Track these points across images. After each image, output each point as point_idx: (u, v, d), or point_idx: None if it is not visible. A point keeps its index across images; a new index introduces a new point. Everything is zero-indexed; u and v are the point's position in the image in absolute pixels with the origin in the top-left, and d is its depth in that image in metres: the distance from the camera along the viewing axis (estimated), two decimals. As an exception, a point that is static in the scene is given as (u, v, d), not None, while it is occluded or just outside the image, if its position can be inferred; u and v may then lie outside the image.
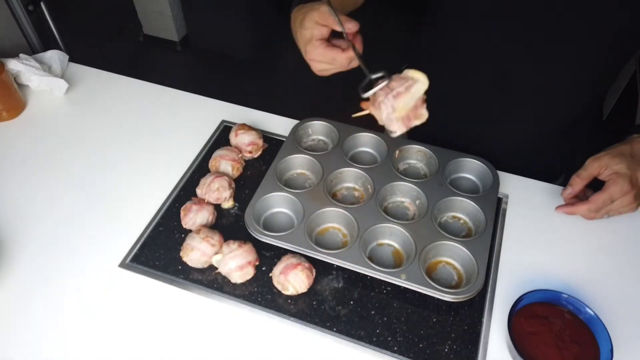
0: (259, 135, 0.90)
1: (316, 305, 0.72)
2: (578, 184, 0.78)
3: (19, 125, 0.99)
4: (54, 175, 0.89)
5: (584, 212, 0.77)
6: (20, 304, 0.72)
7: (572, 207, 0.79)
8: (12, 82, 0.98)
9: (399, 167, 0.88)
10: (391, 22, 2.95)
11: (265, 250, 0.77)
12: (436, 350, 0.67)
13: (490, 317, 0.71)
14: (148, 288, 0.74)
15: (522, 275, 0.75)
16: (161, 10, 2.64)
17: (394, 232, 0.76)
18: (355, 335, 0.68)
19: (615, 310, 0.70)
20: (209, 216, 0.79)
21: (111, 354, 0.67)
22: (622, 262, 0.77)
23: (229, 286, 0.74)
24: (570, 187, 0.79)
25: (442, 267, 0.75)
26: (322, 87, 2.66)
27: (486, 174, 0.84)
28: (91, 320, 0.70)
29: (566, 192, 0.80)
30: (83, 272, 0.75)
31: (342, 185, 0.85)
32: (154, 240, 0.79)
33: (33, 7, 1.15)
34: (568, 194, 0.79)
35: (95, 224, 0.82)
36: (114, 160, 0.92)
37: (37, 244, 0.79)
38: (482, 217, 0.77)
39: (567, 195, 0.80)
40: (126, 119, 0.99)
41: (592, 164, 0.76)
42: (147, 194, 0.85)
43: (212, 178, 0.82)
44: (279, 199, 0.81)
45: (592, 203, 0.76)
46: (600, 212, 0.76)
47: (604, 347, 0.63)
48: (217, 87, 2.62)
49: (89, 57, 1.23)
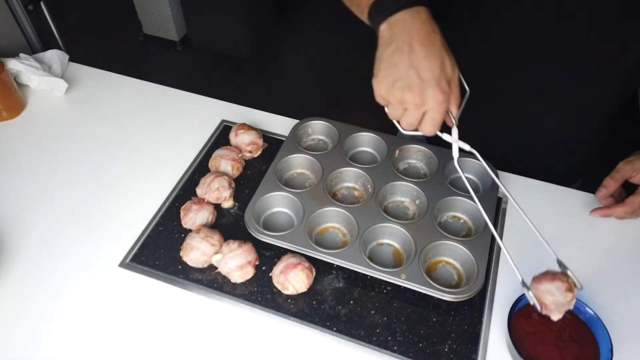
0: (259, 135, 0.90)
1: (316, 304, 0.72)
2: (612, 185, 0.79)
3: (19, 125, 0.99)
4: (54, 175, 0.89)
5: (620, 213, 0.79)
6: (19, 303, 0.72)
7: (608, 210, 0.80)
8: (12, 82, 0.98)
9: (399, 167, 0.88)
10: None
11: (265, 250, 0.77)
12: (436, 349, 0.67)
13: (490, 317, 0.71)
14: (148, 288, 0.74)
15: (522, 274, 0.75)
16: (161, 9, 2.64)
17: (394, 232, 0.76)
18: (355, 334, 0.68)
19: (615, 310, 0.70)
20: (209, 216, 0.79)
21: (111, 353, 0.67)
22: (622, 262, 0.77)
23: (229, 286, 0.74)
24: (605, 188, 0.80)
25: (442, 267, 0.75)
26: (322, 87, 2.66)
27: (486, 174, 0.84)
28: (91, 320, 0.70)
29: (600, 193, 0.81)
30: (83, 271, 0.76)
31: (342, 185, 0.85)
32: (154, 240, 0.79)
33: (33, 7, 1.14)
34: (603, 195, 0.81)
35: (95, 224, 0.82)
36: (113, 159, 0.92)
37: (36, 244, 0.79)
38: (482, 217, 0.77)
39: (602, 196, 0.81)
40: (126, 119, 0.99)
41: (625, 166, 0.78)
42: (147, 193, 0.85)
43: (212, 178, 0.82)
44: (279, 199, 0.81)
45: (629, 205, 0.78)
46: (635, 213, 0.78)
47: (604, 347, 0.63)
48: (217, 87, 2.62)
49: (89, 56, 1.23)
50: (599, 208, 0.82)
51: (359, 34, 3.45)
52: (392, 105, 0.60)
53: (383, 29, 0.59)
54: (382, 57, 0.59)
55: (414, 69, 0.57)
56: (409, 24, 0.58)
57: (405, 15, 0.58)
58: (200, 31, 2.73)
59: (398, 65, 0.57)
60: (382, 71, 0.59)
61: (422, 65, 0.56)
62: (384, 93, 0.59)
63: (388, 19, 0.58)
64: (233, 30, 2.63)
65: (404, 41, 0.57)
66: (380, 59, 0.59)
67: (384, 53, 0.58)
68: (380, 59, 0.59)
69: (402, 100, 0.58)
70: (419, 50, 0.56)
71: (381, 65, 0.59)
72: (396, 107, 0.60)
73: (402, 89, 0.57)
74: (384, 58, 0.58)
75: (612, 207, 0.80)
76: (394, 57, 0.57)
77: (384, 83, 0.59)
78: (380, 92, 0.60)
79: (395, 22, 0.58)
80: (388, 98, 0.59)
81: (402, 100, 0.58)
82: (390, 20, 0.58)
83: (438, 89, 0.56)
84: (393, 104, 0.60)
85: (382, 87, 0.59)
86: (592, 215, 0.82)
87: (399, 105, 0.59)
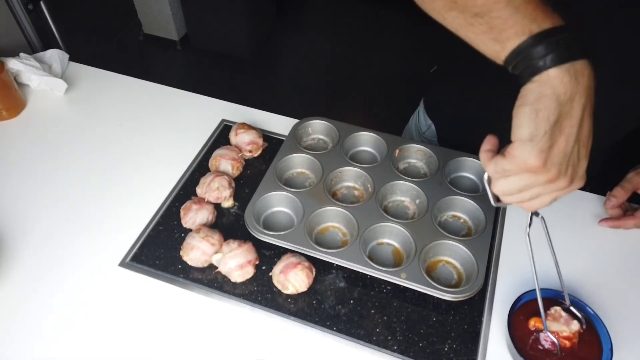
0: (259, 135, 0.90)
1: (316, 304, 0.72)
2: (622, 196, 0.79)
3: (19, 125, 0.99)
4: (54, 175, 0.89)
5: (630, 226, 0.79)
6: (19, 303, 0.72)
7: (618, 222, 0.80)
8: (12, 82, 0.98)
9: (399, 166, 0.88)
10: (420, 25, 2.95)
11: (265, 250, 0.77)
12: (436, 349, 0.67)
13: (490, 316, 0.71)
14: (148, 287, 0.74)
15: (522, 274, 0.75)
16: (161, 9, 2.64)
17: (394, 231, 0.76)
18: (355, 334, 0.68)
19: (615, 310, 0.70)
20: (209, 215, 0.79)
21: (111, 353, 0.67)
22: (623, 261, 0.77)
23: (229, 285, 0.74)
24: (615, 198, 0.79)
25: (442, 266, 0.75)
26: (322, 87, 2.67)
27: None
28: (91, 320, 0.70)
29: (611, 203, 0.80)
30: (83, 271, 0.76)
31: (342, 185, 0.85)
32: (154, 240, 0.79)
33: (33, 6, 1.14)
34: (613, 205, 0.80)
35: (95, 223, 0.82)
36: (113, 159, 0.92)
37: (36, 244, 0.79)
38: (482, 216, 0.77)
39: (612, 206, 0.80)
40: (126, 118, 0.99)
41: (635, 177, 0.77)
42: (147, 193, 0.85)
43: (212, 177, 0.82)
44: (279, 198, 0.81)
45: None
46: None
47: (605, 347, 0.63)
48: (217, 86, 2.63)
49: (89, 56, 1.23)
50: (608, 219, 0.81)
51: (359, 34, 3.44)
52: (524, 177, 0.47)
53: (558, 75, 0.43)
54: (550, 113, 0.43)
55: (578, 145, 0.45)
56: (589, 80, 0.44)
57: (586, 66, 0.44)
58: (200, 31, 2.73)
59: (568, 135, 0.44)
60: (548, 135, 0.44)
61: (586, 143, 0.46)
62: (535, 162, 0.45)
63: (570, 64, 0.43)
64: (233, 30, 2.63)
65: (581, 105, 0.44)
66: (547, 117, 0.43)
67: (557, 108, 0.43)
68: (545, 116, 0.43)
69: (554, 178, 0.46)
70: (587, 123, 0.45)
71: (546, 125, 0.44)
72: (526, 180, 0.47)
73: (560, 166, 0.45)
74: (551, 116, 0.43)
75: (623, 219, 0.79)
76: (566, 121, 0.44)
77: (544, 153, 0.44)
78: (531, 159, 0.44)
79: (579, 73, 0.43)
80: (534, 170, 0.45)
81: (554, 178, 0.46)
82: (574, 67, 0.43)
83: (584, 175, 0.47)
84: (531, 179, 0.46)
85: (536, 153, 0.44)
86: (601, 225, 0.81)
87: (540, 180, 0.46)
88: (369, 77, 2.64)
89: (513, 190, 0.49)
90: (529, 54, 0.43)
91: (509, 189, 0.49)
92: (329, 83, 2.65)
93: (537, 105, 0.43)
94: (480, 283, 0.69)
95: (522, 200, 0.50)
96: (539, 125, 0.44)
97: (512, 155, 0.46)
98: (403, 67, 2.69)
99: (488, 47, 0.47)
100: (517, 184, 0.48)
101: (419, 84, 2.24)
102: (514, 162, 0.46)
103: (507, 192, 0.50)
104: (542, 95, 0.43)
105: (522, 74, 0.45)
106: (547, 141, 0.44)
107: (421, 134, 1.05)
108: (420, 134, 1.05)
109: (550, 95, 0.43)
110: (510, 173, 0.48)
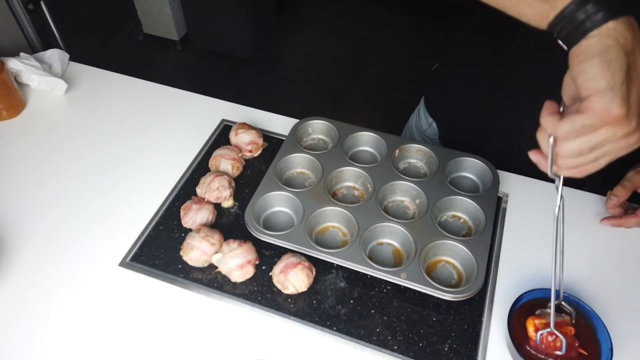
0: (259, 134, 0.90)
1: (316, 304, 0.72)
2: (624, 195, 0.79)
3: (19, 125, 0.99)
4: (54, 175, 0.89)
5: (632, 225, 0.79)
6: (19, 303, 0.72)
7: (620, 220, 0.80)
8: (12, 81, 0.98)
9: (399, 166, 0.88)
10: (419, 25, 2.95)
11: (265, 249, 0.77)
12: (436, 349, 0.67)
13: (490, 316, 0.71)
14: (148, 287, 0.74)
15: (522, 274, 0.75)
16: (161, 9, 2.64)
17: (394, 231, 0.76)
18: (355, 334, 0.68)
19: (615, 309, 0.70)
20: (209, 215, 0.79)
21: (111, 353, 0.67)
22: (623, 261, 0.77)
23: (229, 285, 0.74)
24: (616, 197, 0.79)
25: (442, 266, 0.75)
26: (322, 87, 2.67)
27: (486, 173, 0.84)
28: (91, 320, 0.70)
29: (612, 202, 0.80)
30: (83, 271, 0.76)
31: (342, 185, 0.85)
32: (154, 240, 0.79)
33: (33, 6, 1.14)
34: (614, 204, 0.80)
35: (95, 223, 0.82)
36: (113, 159, 0.92)
37: (36, 243, 0.79)
38: (482, 216, 0.77)
39: (613, 205, 0.80)
40: (126, 118, 0.99)
41: (636, 176, 0.78)
42: (147, 193, 0.85)
43: (212, 177, 0.82)
44: (279, 198, 0.81)
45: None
46: None
47: (604, 346, 0.63)
48: (217, 86, 2.63)
49: (89, 56, 1.23)
50: (609, 217, 0.81)
51: (359, 34, 3.45)
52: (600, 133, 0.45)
53: (617, 27, 0.43)
54: (622, 62, 0.42)
55: None
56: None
57: (636, 21, 0.44)
58: (200, 31, 2.73)
59: (638, 86, 0.44)
60: (626, 84, 0.43)
61: None
62: (618, 111, 0.43)
63: (625, 18, 0.43)
64: (233, 30, 2.63)
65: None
66: (620, 66, 0.43)
67: (625, 57, 0.43)
68: (618, 65, 0.42)
69: (632, 130, 0.44)
70: None
71: (622, 74, 0.43)
72: (602, 135, 0.45)
73: (638, 117, 0.44)
74: (623, 65, 0.42)
75: (625, 217, 0.80)
76: (634, 72, 0.44)
77: (627, 101, 0.43)
78: (614, 108, 0.43)
79: (634, 26, 0.44)
80: (616, 121, 0.44)
81: (632, 130, 0.44)
82: (628, 20, 0.43)
83: None
84: (608, 133, 0.44)
85: (619, 102, 0.43)
86: (603, 223, 0.81)
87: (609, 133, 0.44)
88: (368, 77, 2.64)
89: (585, 149, 0.46)
90: (585, 9, 0.42)
91: (582, 148, 0.46)
92: (329, 83, 2.65)
93: (606, 56, 0.42)
94: (480, 283, 0.69)
95: (584, 162, 0.48)
96: (615, 75, 0.42)
97: (591, 109, 0.44)
98: (403, 67, 2.69)
99: (534, 8, 0.45)
100: (590, 141, 0.45)
101: (418, 84, 2.23)
102: (595, 114, 0.44)
103: (578, 152, 0.47)
104: (607, 46, 0.42)
105: (572, 34, 0.44)
106: (626, 90, 0.43)
107: (422, 132, 1.05)
108: (420, 132, 1.05)
109: (615, 46, 0.42)
110: (587, 130, 0.45)
